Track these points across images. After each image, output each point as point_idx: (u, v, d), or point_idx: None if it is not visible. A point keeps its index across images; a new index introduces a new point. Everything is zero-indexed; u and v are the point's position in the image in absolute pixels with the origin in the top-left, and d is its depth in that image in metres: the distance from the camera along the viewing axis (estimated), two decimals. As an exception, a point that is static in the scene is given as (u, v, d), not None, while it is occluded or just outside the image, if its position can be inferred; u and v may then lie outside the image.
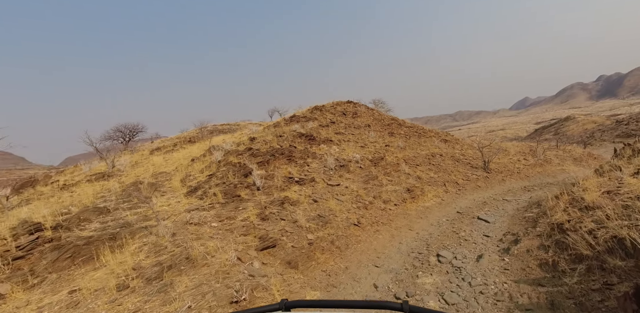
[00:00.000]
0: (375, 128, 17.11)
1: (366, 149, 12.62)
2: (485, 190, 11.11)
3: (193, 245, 3.78)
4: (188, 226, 4.39)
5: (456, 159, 14.04)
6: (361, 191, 7.77)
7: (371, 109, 20.72)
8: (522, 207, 7.89)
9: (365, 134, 15.16)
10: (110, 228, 4.27)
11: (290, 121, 14.71)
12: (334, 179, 8.21)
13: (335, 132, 14.32)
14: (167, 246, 3.79)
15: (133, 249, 3.81)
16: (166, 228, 4.14)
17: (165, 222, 4.51)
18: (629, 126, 36.12)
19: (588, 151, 20.62)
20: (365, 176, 8.87)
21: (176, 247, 3.76)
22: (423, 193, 9.30)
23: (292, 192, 6.85)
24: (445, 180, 11.29)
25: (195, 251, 3.68)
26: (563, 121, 58.52)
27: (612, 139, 32.61)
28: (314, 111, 17.39)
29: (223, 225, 4.57)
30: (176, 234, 4.16)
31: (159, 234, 4.07)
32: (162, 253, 3.64)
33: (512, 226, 6.29)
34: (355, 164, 9.64)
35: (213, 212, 4.98)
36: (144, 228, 4.28)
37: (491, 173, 12.86)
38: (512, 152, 16.63)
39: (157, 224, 4.11)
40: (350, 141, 13.42)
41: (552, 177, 13.83)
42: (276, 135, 10.28)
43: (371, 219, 6.63)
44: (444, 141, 18.02)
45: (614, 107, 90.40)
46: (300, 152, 9.35)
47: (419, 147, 15.26)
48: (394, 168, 10.52)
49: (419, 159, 12.95)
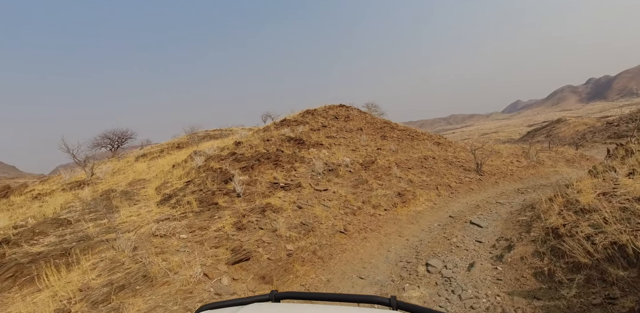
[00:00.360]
0: (368, 131, 16.86)
1: (357, 152, 12.32)
2: (478, 193, 10.82)
3: (154, 261, 3.40)
4: (153, 238, 4.00)
5: (449, 162, 13.78)
6: (350, 196, 7.41)
7: (363, 113, 20.51)
8: (515, 210, 7.58)
9: (357, 138, 14.88)
10: (66, 243, 3.86)
11: (280, 126, 14.39)
12: (321, 184, 7.86)
13: (327, 136, 14.02)
14: (125, 263, 3.40)
15: (87, 266, 3.40)
16: (128, 242, 3.74)
17: (129, 234, 4.12)
18: (620, 127, 36.37)
19: (580, 152, 20.55)
20: (355, 181, 8.53)
21: (134, 263, 3.37)
22: (415, 197, 8.97)
23: (276, 198, 6.48)
24: (437, 183, 10.99)
25: (156, 267, 3.29)
26: (555, 124, 59.02)
27: (603, 141, 32.75)
28: (306, 115, 17.12)
29: (193, 236, 4.18)
30: (138, 248, 3.77)
31: (120, 248, 3.68)
32: (117, 271, 3.25)
33: (505, 231, 5.97)
34: (345, 169, 9.31)
35: (185, 222, 4.59)
36: (105, 241, 3.88)
37: (484, 175, 12.61)
38: (505, 154, 16.44)
39: (117, 237, 3.72)
40: (341, 144, 13.12)
41: (545, 179, 13.61)
42: (263, 139, 9.95)
43: (359, 225, 6.26)
44: (437, 143, 17.80)
45: (604, 109, 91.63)
46: (288, 156, 9.00)
47: (412, 150, 15.00)
48: (385, 172, 10.20)
49: (411, 163, 12.67)
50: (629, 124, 35.68)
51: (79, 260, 3.41)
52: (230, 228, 4.57)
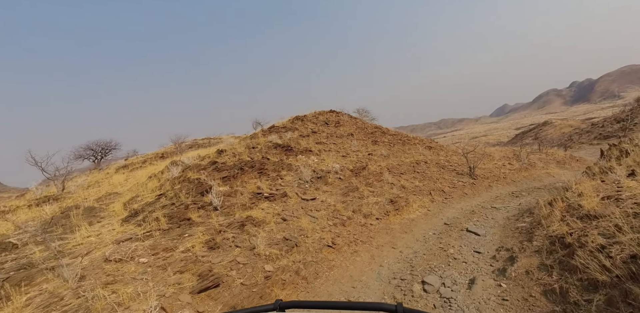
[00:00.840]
0: (359, 136, 16.48)
1: (348, 158, 11.87)
2: (472, 198, 10.43)
3: (100, 294, 2.83)
4: (106, 264, 3.42)
5: (441, 166, 13.43)
6: (339, 205, 6.90)
7: (354, 118, 20.19)
8: (512, 215, 7.17)
9: (347, 143, 14.46)
10: (3, 272, 3.25)
11: (268, 132, 13.89)
12: (309, 192, 7.34)
13: (316, 142, 13.57)
14: (65, 297, 2.81)
15: (20, 303, 2.81)
16: (75, 269, 3.15)
17: (80, 260, 3.52)
18: (605, 128, 36.87)
19: (569, 153, 20.51)
20: (345, 188, 8.03)
21: (76, 298, 2.79)
22: (408, 204, 8.51)
23: (259, 210, 5.93)
24: (430, 188, 10.57)
25: (100, 302, 2.72)
26: (541, 126, 59.95)
27: (590, 142, 33.07)
28: (295, 121, 16.69)
29: (155, 259, 3.61)
30: (86, 277, 3.18)
31: (65, 278, 3.09)
32: (53, 309, 2.67)
33: (504, 240, 5.51)
34: (335, 176, 8.82)
35: (149, 242, 4.01)
36: (50, 269, 3.29)
37: (477, 179, 12.26)
38: (496, 157, 16.21)
39: (61, 265, 3.13)
40: (331, 150, 12.67)
41: (539, 181, 13.35)
42: (248, 147, 9.43)
43: (349, 238, 5.74)
44: (429, 148, 17.50)
45: (588, 111, 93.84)
46: (274, 164, 8.48)
47: (403, 155, 14.63)
48: (376, 178, 9.75)
49: (403, 168, 12.26)
50: (613, 125, 36.18)
51: (9, 295, 2.81)
52: (201, 248, 4.01)
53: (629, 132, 29.41)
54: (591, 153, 26.25)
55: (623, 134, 29.73)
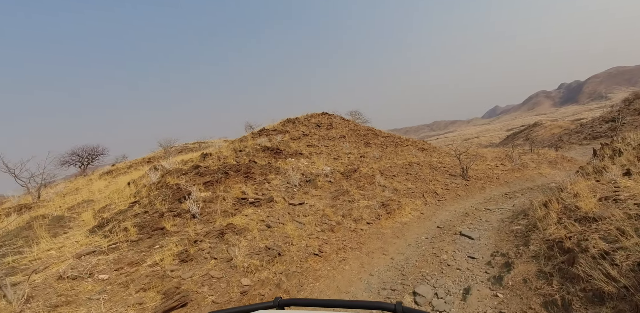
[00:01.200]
0: (351, 138, 16.22)
1: (339, 161, 11.57)
2: (465, 199, 10.19)
3: (44, 319, 2.46)
4: (59, 282, 3.03)
5: (434, 167, 13.22)
6: (328, 210, 6.57)
7: (347, 120, 19.95)
8: (507, 217, 6.92)
9: (339, 146, 14.19)
10: (-61, 294, 2.86)
11: (258, 135, 13.54)
12: (297, 197, 7.00)
13: (307, 144, 13.27)
14: (2, 324, 2.45)
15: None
16: (23, 289, 2.76)
17: (33, 277, 3.13)
18: (594, 128, 37.25)
19: (561, 154, 20.53)
20: (335, 192, 7.71)
21: (15, 324, 2.43)
22: (400, 207, 8.22)
23: (242, 217, 5.57)
24: (423, 191, 10.32)
25: (43, 329, 2.36)
26: (532, 127, 60.61)
27: (579, 142, 33.35)
28: (286, 124, 16.38)
29: (118, 275, 3.23)
30: (34, 297, 2.80)
31: (9, 299, 2.71)
32: (-16, 338, 2.30)
33: (500, 244, 5.24)
34: (325, 179, 8.50)
35: (113, 256, 3.62)
36: (-5, 289, 2.90)
37: (470, 180, 12.06)
38: (489, 158, 16.09)
39: (4, 284, 2.73)
40: (322, 153, 12.37)
41: (531, 181, 13.21)
42: (236, 150, 9.07)
43: (337, 245, 5.40)
44: (422, 149, 17.33)
45: (577, 112, 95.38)
46: (262, 168, 8.13)
47: (396, 157, 14.40)
48: (368, 181, 9.45)
49: (395, 170, 12.00)
50: (602, 125, 36.57)
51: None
52: (172, 261, 3.63)
53: (618, 132, 29.68)
54: (582, 153, 26.38)
55: (613, 133, 29.99)
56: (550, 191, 6.42)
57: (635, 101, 38.09)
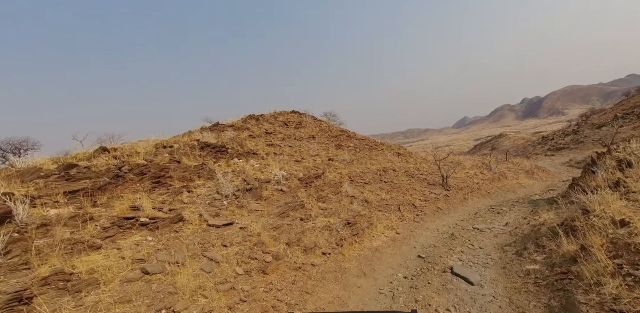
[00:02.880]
0: (321, 139, 14.26)
1: (302, 164, 9.53)
2: (448, 214, 8.56)
3: None
4: None
5: (411, 174, 11.57)
6: (266, 235, 4.47)
7: (318, 120, 17.98)
8: (506, 244, 5.23)
9: (306, 147, 12.16)
10: None
11: (208, 130, 11.15)
12: (225, 214, 4.83)
13: (268, 144, 11.11)
14: None
15: None
16: None
17: None
18: (555, 140, 38.33)
19: (535, 163, 20.02)
20: (285, 205, 5.64)
21: None
22: (371, 225, 6.32)
23: (108, 252, 3.31)
24: (400, 202, 8.55)
25: None
26: (497, 138, 62.69)
27: (544, 153, 33.94)
28: (248, 120, 14.09)
29: None
30: None
31: None
32: None
33: (517, 298, 3.43)
34: (275, 187, 6.39)
35: None
36: None
37: (451, 190, 10.53)
38: (468, 166, 14.85)
39: None
40: (283, 154, 10.27)
41: (513, 192, 12.01)
42: (159, 146, 6.74)
43: (267, 299, 3.31)
44: (397, 154, 15.77)
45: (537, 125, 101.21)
46: (186, 170, 5.87)
47: (370, 161, 12.63)
48: (333, 189, 7.49)
49: (368, 176, 10.18)
50: (563, 138, 37.59)
51: None
52: None
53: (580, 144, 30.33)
54: (549, 164, 26.33)
55: (576, 146, 30.63)
56: (571, 212, 4.75)
57: (591, 116, 39.78)
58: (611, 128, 23.71)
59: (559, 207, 7.07)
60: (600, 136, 28.94)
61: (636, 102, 33.30)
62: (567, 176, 15.91)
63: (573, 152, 29.12)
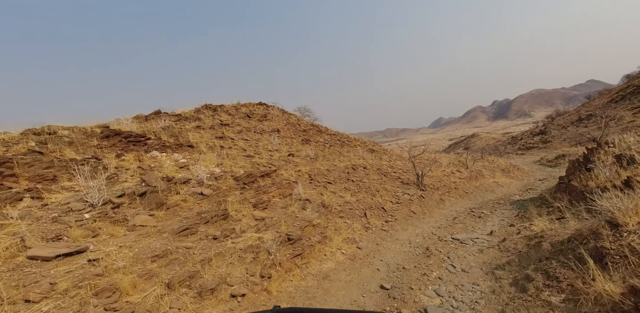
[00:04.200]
0: (287, 133, 12.54)
1: (254, 160, 7.79)
2: (422, 219, 7.19)
3: None
4: None
5: (384, 172, 10.17)
6: (134, 272, 2.73)
7: (287, 113, 16.22)
8: (497, 265, 3.85)
9: (265, 141, 10.41)
10: None
11: (144, 120, 9.11)
12: (74, 235, 3.04)
13: (218, 136, 9.25)
14: None
15: None
16: None
17: None
18: (524, 140, 38.99)
19: (510, 162, 19.47)
20: (197, 216, 3.91)
21: None
22: (324, 239, 4.75)
23: None
24: (367, 206, 7.07)
25: None
26: (470, 138, 64.03)
27: (515, 152, 34.29)
28: (203, 111, 12.10)
29: None
30: None
31: None
32: None
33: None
34: (194, 189, 4.63)
35: None
36: None
37: (426, 190, 9.23)
38: (444, 163, 13.73)
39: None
40: (232, 148, 8.48)
41: (491, 192, 10.97)
42: (31, 133, 4.76)
43: None
44: (371, 151, 14.39)
45: (506, 126, 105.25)
46: (50, 166, 3.98)
47: (339, 157, 11.11)
48: (282, 191, 5.84)
49: (333, 174, 8.63)
50: (531, 138, 38.24)
51: None
52: None
53: (548, 143, 30.72)
54: (521, 162, 26.12)
55: (544, 145, 31.01)
56: (594, 225, 3.37)
57: (557, 117, 40.99)
58: (600, 120, 22.98)
59: (551, 212, 5.90)
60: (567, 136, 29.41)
61: (598, 105, 34.44)
62: (542, 175, 15.27)
63: (542, 151, 29.27)
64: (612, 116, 26.87)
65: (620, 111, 27.36)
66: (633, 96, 29.74)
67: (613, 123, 24.97)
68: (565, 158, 18.41)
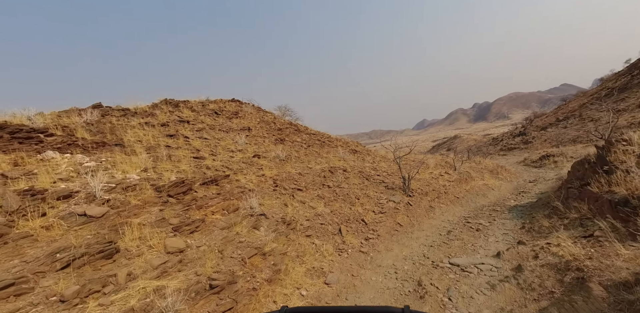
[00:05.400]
0: (259, 132, 10.97)
1: (205, 162, 6.20)
2: (410, 233, 5.84)
3: None
4: None
5: (366, 175, 8.80)
6: None
7: (264, 111, 14.63)
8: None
9: (230, 140, 8.83)
10: None
11: (78, 113, 7.31)
12: None
13: (168, 134, 7.60)
14: None
15: None
16: None
17: None
18: (505, 141, 38.97)
19: (496, 163, 18.68)
20: (45, 259, 2.32)
21: None
22: (277, 274, 3.30)
23: None
24: (344, 218, 5.65)
25: None
26: (452, 139, 64.43)
27: (497, 152, 34.06)
28: (160, 106, 10.36)
29: None
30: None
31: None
32: None
33: None
34: (74, 208, 3.03)
35: None
36: None
37: (414, 195, 7.93)
38: (431, 165, 12.55)
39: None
40: (182, 148, 6.86)
41: (483, 196, 9.83)
42: None
43: None
44: (353, 152, 13.04)
45: (486, 128, 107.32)
46: None
47: (317, 159, 9.67)
48: (227, 204, 4.32)
49: (306, 179, 7.17)
50: (512, 139, 38.21)
51: None
52: None
53: (529, 144, 30.44)
54: (505, 163, 25.53)
55: (525, 146, 30.78)
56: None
57: (535, 119, 41.37)
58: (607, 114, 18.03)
59: (569, 225, 4.69)
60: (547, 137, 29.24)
61: (574, 107, 34.84)
62: (530, 176, 14.40)
63: (524, 151, 28.93)
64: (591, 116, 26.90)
65: (598, 112, 27.47)
66: (608, 98, 30.01)
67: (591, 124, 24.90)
68: (550, 159, 17.74)
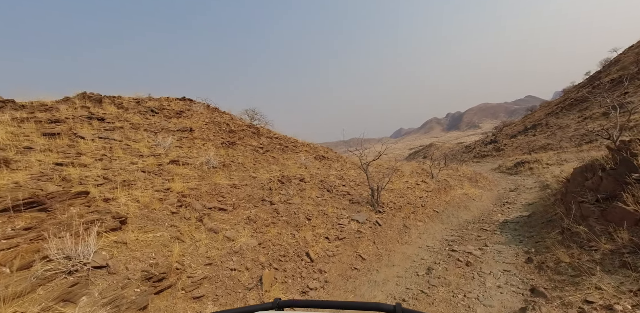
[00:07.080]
0: (202, 134, 8.87)
1: (65, 172, 4.03)
2: (374, 275, 3.98)
3: None
4: None
5: (328, 186, 6.94)
6: None
7: (219, 112, 12.52)
8: None
9: (152, 142, 6.70)
10: None
11: None
12: None
13: (47, 132, 5.37)
14: None
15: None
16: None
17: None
18: (477, 149, 39.16)
19: (473, 169, 17.63)
20: None
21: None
22: None
23: None
24: (279, 254, 3.71)
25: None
26: (428, 147, 65.13)
27: (471, 159, 33.83)
28: (73, 101, 8.08)
29: None
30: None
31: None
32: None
33: None
34: None
35: None
36: None
37: (384, 211, 6.15)
38: (407, 173, 10.97)
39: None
40: (54, 151, 4.66)
41: (465, 209, 8.29)
42: None
43: None
44: (320, 158, 11.23)
45: (459, 137, 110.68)
46: None
47: (269, 166, 7.72)
48: (8, 255, 2.23)
49: (241, 193, 5.19)
50: (484, 147, 38.31)
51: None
52: None
53: (501, 151, 30.26)
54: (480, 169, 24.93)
55: (498, 153, 30.59)
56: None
57: (504, 128, 42.18)
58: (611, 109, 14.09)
59: (603, 262, 3.08)
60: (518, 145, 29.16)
61: (540, 116, 35.71)
62: (508, 184, 13.23)
63: (497, 159, 28.50)
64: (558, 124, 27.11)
65: (565, 120, 27.83)
66: (572, 107, 30.73)
67: (559, 131, 25.00)
68: (524, 165, 16.90)
